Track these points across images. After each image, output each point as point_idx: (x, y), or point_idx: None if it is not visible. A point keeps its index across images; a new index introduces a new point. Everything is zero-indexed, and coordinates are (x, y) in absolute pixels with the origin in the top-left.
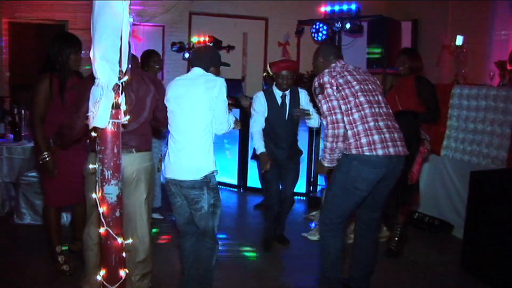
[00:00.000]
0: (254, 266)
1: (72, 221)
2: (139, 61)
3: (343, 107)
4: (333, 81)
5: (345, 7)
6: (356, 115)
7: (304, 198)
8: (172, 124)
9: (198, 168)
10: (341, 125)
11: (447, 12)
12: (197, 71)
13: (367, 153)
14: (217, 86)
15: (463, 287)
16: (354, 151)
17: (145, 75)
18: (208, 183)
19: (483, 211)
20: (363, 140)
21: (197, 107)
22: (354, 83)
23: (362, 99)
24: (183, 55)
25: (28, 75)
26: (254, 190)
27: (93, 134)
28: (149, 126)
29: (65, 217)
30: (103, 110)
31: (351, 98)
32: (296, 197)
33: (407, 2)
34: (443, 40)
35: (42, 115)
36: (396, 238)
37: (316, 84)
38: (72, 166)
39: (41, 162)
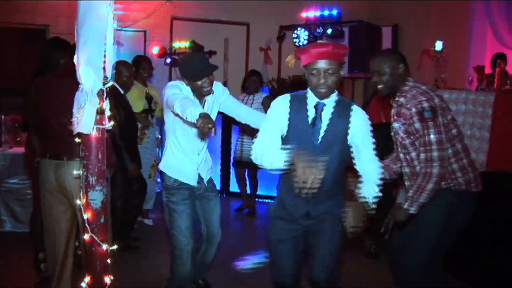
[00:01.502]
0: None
1: None
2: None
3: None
4: (443, 104)
5: (326, 12)
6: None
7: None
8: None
9: None
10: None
11: (427, 18)
12: None
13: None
14: None
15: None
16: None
17: None
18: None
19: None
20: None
21: None
22: (447, 111)
23: (455, 131)
24: (165, 60)
25: (9, 80)
26: (236, 194)
27: (77, 140)
28: None
29: None
30: (87, 115)
31: (452, 129)
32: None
33: (388, 7)
34: (423, 45)
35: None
36: (373, 241)
37: (426, 105)
38: None
39: (37, 165)
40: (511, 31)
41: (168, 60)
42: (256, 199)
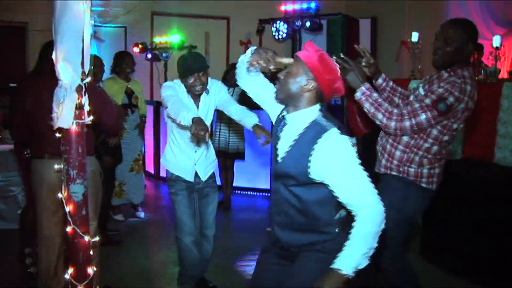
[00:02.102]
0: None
1: None
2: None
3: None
4: (459, 114)
5: (305, 5)
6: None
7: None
8: None
9: None
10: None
11: (404, 10)
12: None
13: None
14: None
15: (421, 273)
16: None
17: None
18: None
19: (439, 201)
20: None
21: None
22: (459, 121)
23: (446, 137)
24: (146, 56)
25: None
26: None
27: (57, 135)
28: None
29: None
30: (67, 111)
31: (446, 134)
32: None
33: (366, 0)
34: (401, 36)
35: None
36: None
37: (451, 100)
38: None
39: (27, 157)
40: (486, 22)
41: (149, 56)
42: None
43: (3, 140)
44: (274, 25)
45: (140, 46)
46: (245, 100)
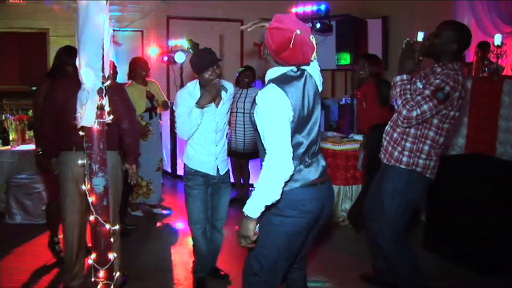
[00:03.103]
0: None
1: None
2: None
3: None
4: (455, 102)
5: (315, 7)
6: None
7: None
8: None
9: None
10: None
11: (414, 10)
12: None
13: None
14: None
15: (424, 262)
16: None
17: None
18: None
19: (443, 194)
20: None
21: None
22: (456, 109)
23: (446, 126)
24: (162, 58)
25: (11, 83)
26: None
27: (81, 133)
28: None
29: None
30: (89, 111)
31: (445, 123)
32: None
33: (376, 1)
34: (411, 36)
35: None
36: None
37: (448, 89)
38: None
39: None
40: (493, 21)
41: (166, 58)
42: (250, 189)
43: (28, 140)
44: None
45: (159, 51)
46: None
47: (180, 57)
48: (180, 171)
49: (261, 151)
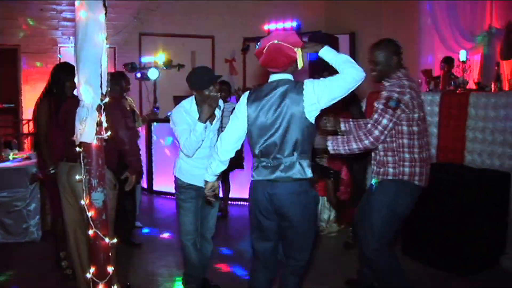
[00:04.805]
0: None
1: None
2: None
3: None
4: (409, 103)
5: (287, 24)
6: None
7: None
8: None
9: None
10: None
11: (381, 25)
12: None
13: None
14: None
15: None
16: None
17: None
18: None
19: (419, 200)
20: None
21: None
22: (416, 110)
23: (415, 128)
24: (135, 75)
25: None
26: (160, 193)
27: (78, 149)
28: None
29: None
30: (89, 127)
31: (414, 126)
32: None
33: (344, 17)
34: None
35: (46, 134)
36: (351, 234)
37: (395, 96)
38: None
39: (48, 173)
40: (455, 37)
41: (138, 75)
42: (230, 202)
43: (4, 158)
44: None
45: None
46: None
47: (153, 74)
48: (156, 187)
49: None
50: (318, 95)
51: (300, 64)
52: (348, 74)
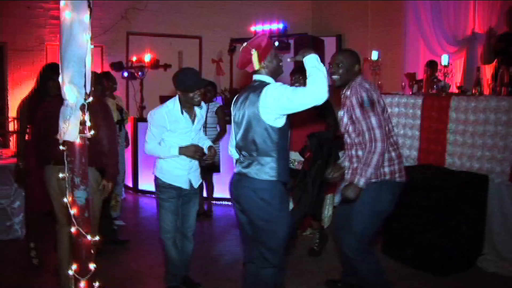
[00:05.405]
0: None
1: None
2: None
3: None
4: (381, 101)
5: (274, 26)
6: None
7: None
8: None
9: None
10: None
11: (367, 28)
12: None
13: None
14: None
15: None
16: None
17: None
18: None
19: (399, 202)
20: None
21: None
22: (386, 109)
23: (389, 127)
24: (122, 74)
25: None
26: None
27: (61, 147)
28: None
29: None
30: (72, 126)
31: (388, 125)
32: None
33: (331, 19)
34: (364, 53)
35: (25, 131)
36: (317, 240)
37: (365, 96)
38: None
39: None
40: (439, 41)
41: (126, 74)
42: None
43: None
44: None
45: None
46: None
47: (140, 74)
48: (141, 186)
49: None
50: (272, 101)
51: (255, 66)
52: (311, 93)
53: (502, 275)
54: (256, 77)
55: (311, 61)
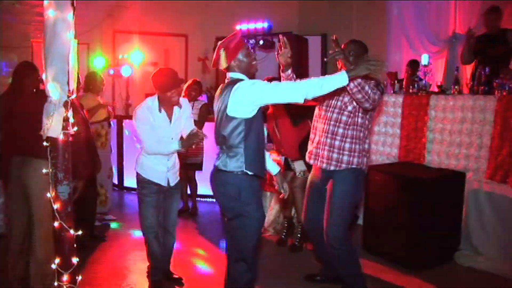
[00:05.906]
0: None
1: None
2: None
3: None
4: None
5: (259, 25)
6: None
7: None
8: None
9: None
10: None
11: (351, 27)
12: None
13: None
14: None
15: (364, 262)
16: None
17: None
18: None
19: (378, 199)
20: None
21: None
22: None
23: (368, 120)
24: (109, 72)
25: None
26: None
27: (45, 143)
28: None
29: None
30: (56, 123)
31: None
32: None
33: (316, 19)
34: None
35: None
36: (299, 235)
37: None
38: None
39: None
40: (421, 40)
41: (112, 72)
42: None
43: None
44: None
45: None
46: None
47: (126, 71)
48: (127, 183)
49: None
50: (242, 95)
51: (222, 65)
52: (300, 89)
53: (478, 269)
54: (229, 74)
55: (342, 78)
